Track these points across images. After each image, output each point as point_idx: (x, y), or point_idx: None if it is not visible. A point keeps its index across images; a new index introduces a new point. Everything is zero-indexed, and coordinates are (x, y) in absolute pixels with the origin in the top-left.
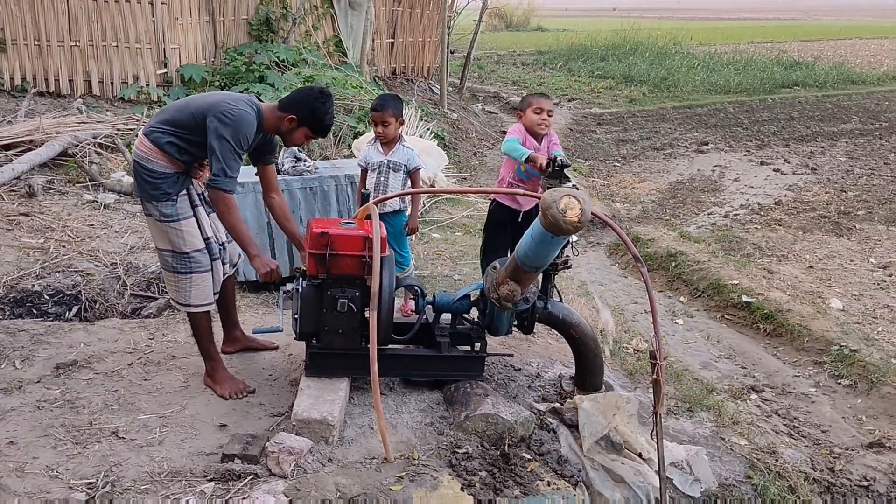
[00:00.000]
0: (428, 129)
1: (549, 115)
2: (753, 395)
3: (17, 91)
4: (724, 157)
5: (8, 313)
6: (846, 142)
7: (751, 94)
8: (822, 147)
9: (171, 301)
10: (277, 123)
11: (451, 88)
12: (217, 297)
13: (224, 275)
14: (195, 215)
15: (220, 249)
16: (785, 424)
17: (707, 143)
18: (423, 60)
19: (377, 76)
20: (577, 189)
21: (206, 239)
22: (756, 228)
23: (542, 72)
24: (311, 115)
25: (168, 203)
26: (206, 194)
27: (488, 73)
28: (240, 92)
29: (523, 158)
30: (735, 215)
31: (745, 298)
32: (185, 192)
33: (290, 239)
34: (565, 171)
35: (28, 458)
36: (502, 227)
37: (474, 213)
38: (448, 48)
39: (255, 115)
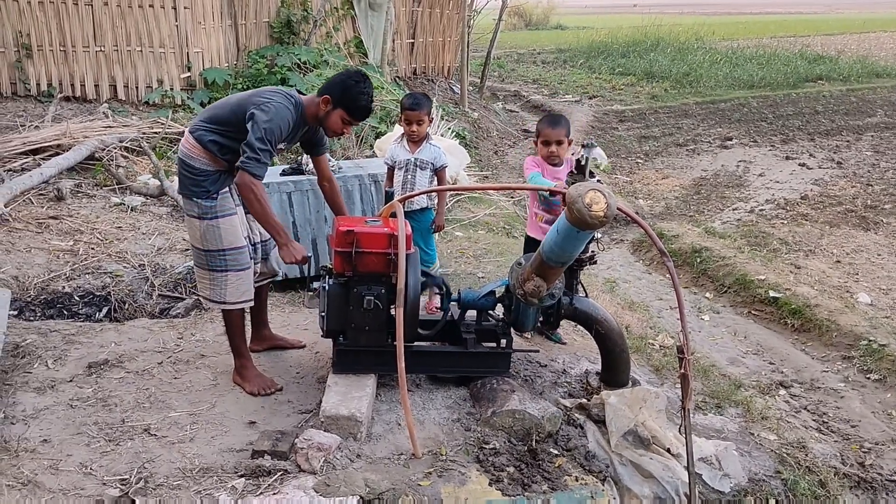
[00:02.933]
0: (449, 129)
1: (559, 145)
2: (782, 391)
3: (43, 96)
4: (748, 153)
5: (39, 314)
6: (872, 135)
7: (774, 89)
8: (848, 141)
9: (201, 299)
10: (316, 110)
11: (471, 88)
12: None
13: (260, 276)
14: (236, 215)
15: (255, 251)
16: (814, 419)
17: (731, 139)
18: (443, 60)
19: (398, 76)
20: (602, 183)
21: (245, 238)
22: (782, 223)
23: (562, 70)
24: (345, 94)
25: (208, 200)
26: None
27: (508, 72)
28: None
29: (548, 193)
30: (761, 210)
31: (772, 294)
32: (226, 190)
33: (336, 214)
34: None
35: (62, 455)
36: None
37: (497, 212)
38: (468, 48)
39: (294, 108)
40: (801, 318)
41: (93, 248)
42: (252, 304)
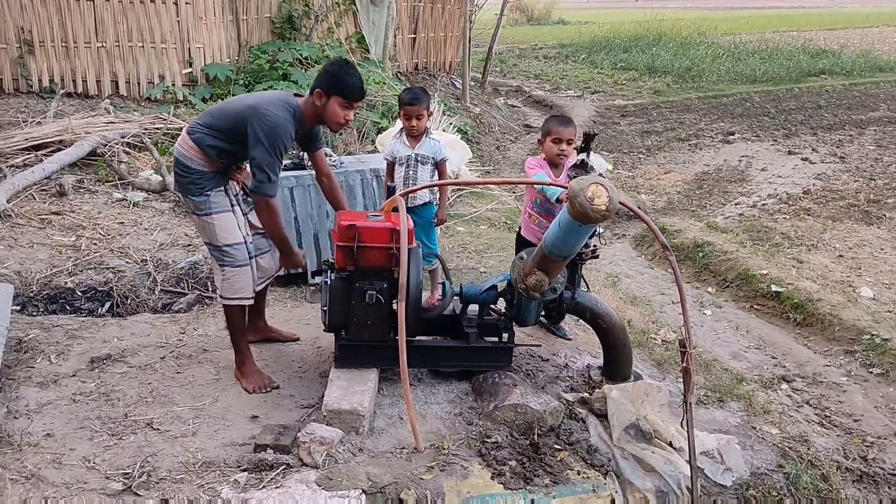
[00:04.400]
0: (451, 124)
1: (570, 144)
2: (784, 385)
3: (45, 92)
4: (750, 147)
5: (42, 310)
6: (874, 130)
7: (777, 84)
8: (851, 135)
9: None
10: (314, 109)
11: (473, 83)
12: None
13: (263, 278)
14: (233, 212)
15: (254, 248)
16: (816, 414)
17: (733, 133)
18: (444, 55)
19: (399, 72)
20: (604, 177)
21: (242, 235)
22: (784, 218)
23: (564, 65)
24: (333, 80)
25: (202, 197)
26: (241, 196)
27: (510, 68)
28: (264, 90)
29: (554, 199)
30: (763, 205)
31: (774, 288)
32: (221, 188)
33: (336, 209)
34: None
35: (65, 449)
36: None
37: (499, 207)
38: (470, 43)
39: (293, 116)
40: (804, 312)
41: (95, 244)
42: (251, 302)
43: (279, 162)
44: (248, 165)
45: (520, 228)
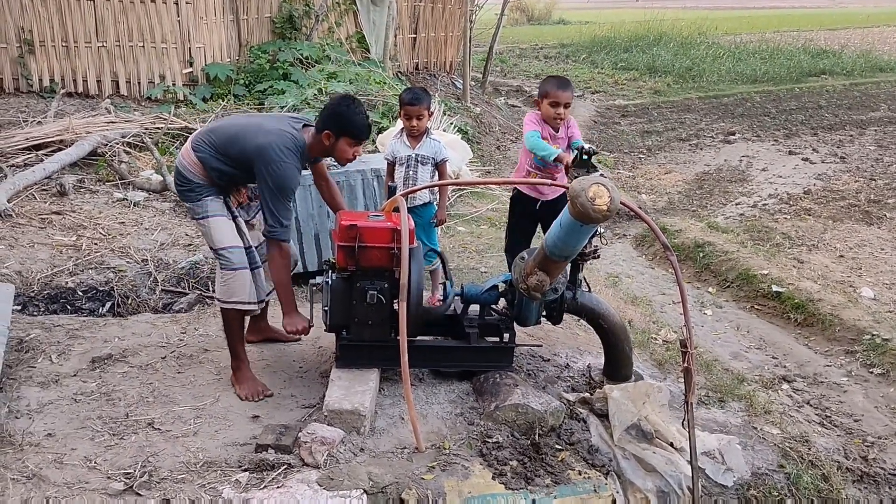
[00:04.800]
0: (451, 124)
1: (567, 108)
2: (785, 385)
3: (45, 92)
4: (751, 147)
5: (43, 309)
6: (875, 130)
7: (778, 84)
8: (851, 135)
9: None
10: (322, 147)
11: (473, 83)
12: (262, 304)
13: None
14: (233, 222)
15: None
16: (817, 414)
17: (734, 133)
18: (445, 55)
19: (400, 71)
20: (605, 177)
21: (247, 248)
22: (785, 218)
23: (564, 64)
24: (341, 122)
25: (196, 202)
26: (240, 208)
27: (511, 67)
28: (263, 90)
29: (552, 159)
30: (764, 205)
31: (775, 288)
32: (219, 198)
33: (334, 211)
34: (592, 159)
35: (66, 449)
36: (523, 216)
37: (499, 206)
38: (470, 43)
39: (300, 157)
40: (804, 312)
41: (96, 244)
42: (251, 307)
43: (287, 206)
44: (249, 190)
45: (514, 192)
